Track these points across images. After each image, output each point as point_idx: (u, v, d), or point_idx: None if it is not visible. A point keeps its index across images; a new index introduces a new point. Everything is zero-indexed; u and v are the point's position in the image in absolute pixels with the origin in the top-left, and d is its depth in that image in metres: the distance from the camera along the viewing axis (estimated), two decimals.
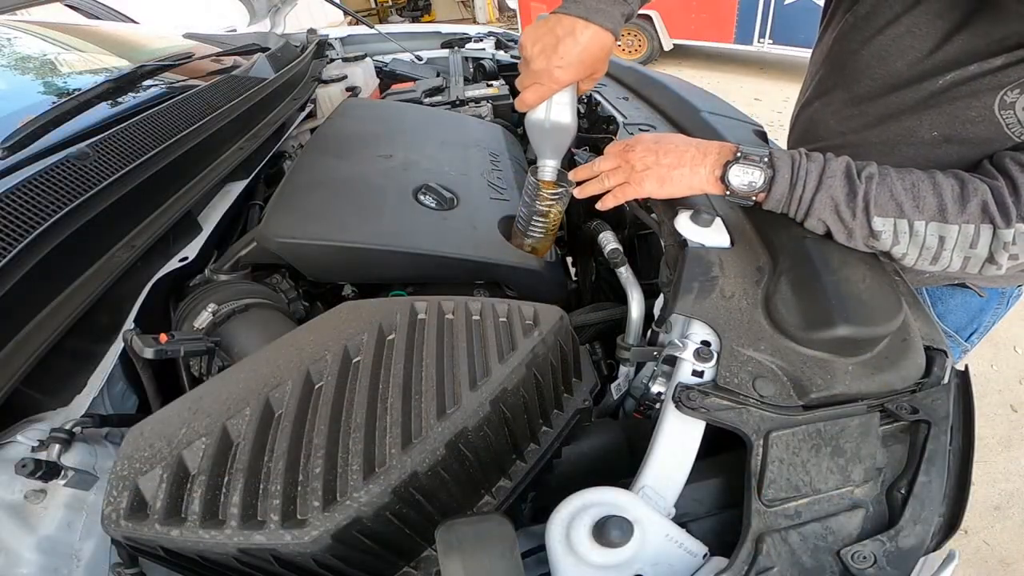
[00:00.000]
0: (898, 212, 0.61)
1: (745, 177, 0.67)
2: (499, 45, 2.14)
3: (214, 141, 1.01)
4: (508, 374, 0.52)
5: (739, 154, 0.67)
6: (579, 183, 0.80)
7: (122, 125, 0.88)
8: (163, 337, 0.65)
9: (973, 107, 0.65)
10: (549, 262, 0.94)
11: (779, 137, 1.01)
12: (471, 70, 2.03)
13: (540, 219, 0.87)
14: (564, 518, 0.46)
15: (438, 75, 1.91)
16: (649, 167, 0.71)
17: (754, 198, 0.68)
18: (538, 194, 0.84)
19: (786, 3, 5.40)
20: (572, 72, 0.71)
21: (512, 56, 1.97)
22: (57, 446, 0.55)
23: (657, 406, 0.67)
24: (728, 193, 0.68)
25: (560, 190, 0.84)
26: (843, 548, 0.46)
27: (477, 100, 1.68)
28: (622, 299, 0.85)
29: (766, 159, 0.66)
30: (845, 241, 0.66)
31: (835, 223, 0.65)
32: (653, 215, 0.87)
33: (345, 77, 1.66)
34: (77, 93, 0.98)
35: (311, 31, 1.99)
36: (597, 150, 1.25)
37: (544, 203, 0.85)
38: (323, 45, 2.04)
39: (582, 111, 1.40)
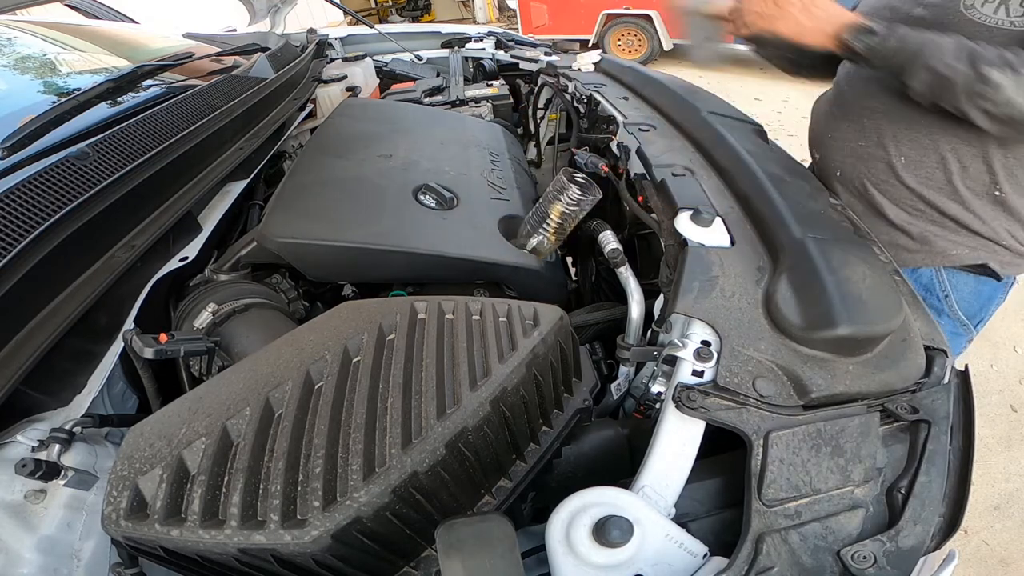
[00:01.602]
0: (1001, 61, 0.69)
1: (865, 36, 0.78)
2: (499, 45, 2.13)
3: (214, 141, 1.01)
4: (508, 374, 0.52)
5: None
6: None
7: (122, 125, 0.88)
8: (163, 337, 0.65)
9: None
10: (549, 262, 0.94)
11: (779, 137, 1.02)
12: (471, 70, 2.03)
13: (557, 220, 0.87)
14: (564, 518, 0.46)
15: (438, 75, 1.92)
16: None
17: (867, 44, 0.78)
18: (567, 196, 0.85)
19: None
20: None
21: (512, 56, 1.97)
22: (57, 446, 0.55)
23: (657, 406, 0.67)
24: (848, 39, 0.79)
25: (592, 197, 0.84)
26: (843, 548, 0.46)
27: (477, 100, 1.68)
28: (622, 299, 0.84)
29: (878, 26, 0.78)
30: (950, 97, 0.74)
31: (943, 69, 0.72)
32: (653, 215, 0.87)
33: (345, 77, 1.66)
34: (77, 93, 0.98)
35: (311, 31, 2.00)
36: (597, 150, 1.25)
37: (571, 205, 0.85)
38: (323, 45, 2.04)
39: (582, 111, 1.40)
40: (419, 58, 2.06)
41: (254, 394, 0.48)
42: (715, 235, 0.73)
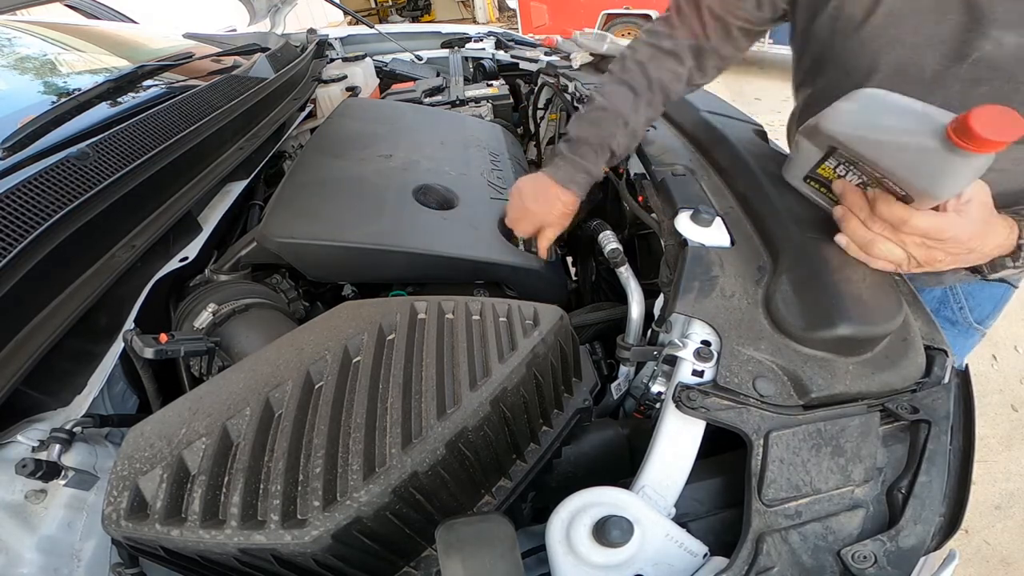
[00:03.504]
0: None
1: None
2: (499, 45, 2.13)
3: (214, 141, 1.01)
4: (508, 374, 0.52)
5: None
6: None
7: (122, 125, 0.88)
8: (163, 337, 0.65)
9: None
10: (549, 262, 0.94)
11: (779, 137, 1.01)
12: (471, 70, 2.03)
13: None
14: (564, 518, 0.46)
15: (438, 75, 1.92)
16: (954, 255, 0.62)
17: None
18: None
19: None
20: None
21: (512, 56, 1.97)
22: (57, 446, 0.55)
23: (657, 406, 0.67)
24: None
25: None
26: (843, 548, 0.46)
27: (477, 100, 1.68)
28: (622, 299, 0.84)
29: None
30: None
31: None
32: (653, 215, 0.87)
33: (345, 77, 1.66)
34: (77, 93, 0.98)
35: (311, 31, 2.00)
36: None
37: None
38: (323, 45, 2.05)
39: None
40: (419, 58, 2.07)
41: (254, 394, 0.48)
42: (715, 235, 0.73)
